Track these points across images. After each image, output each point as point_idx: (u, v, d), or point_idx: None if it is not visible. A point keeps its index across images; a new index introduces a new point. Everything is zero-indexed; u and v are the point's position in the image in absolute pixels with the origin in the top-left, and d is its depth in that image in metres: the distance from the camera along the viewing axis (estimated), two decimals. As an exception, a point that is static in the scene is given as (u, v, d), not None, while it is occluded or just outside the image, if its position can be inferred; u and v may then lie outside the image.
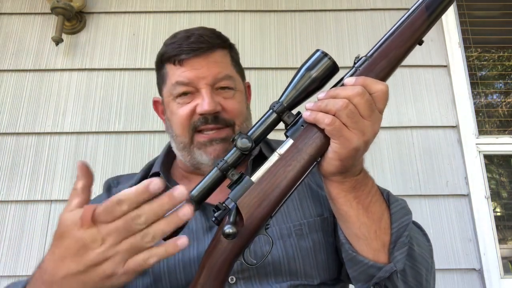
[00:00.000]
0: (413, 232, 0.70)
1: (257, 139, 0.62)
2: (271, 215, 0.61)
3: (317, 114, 0.58)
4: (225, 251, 0.61)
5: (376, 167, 1.60)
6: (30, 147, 1.61)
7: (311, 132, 0.60)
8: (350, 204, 0.63)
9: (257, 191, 0.60)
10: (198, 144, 0.82)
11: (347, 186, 0.63)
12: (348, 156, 0.58)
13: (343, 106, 0.56)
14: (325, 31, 1.78)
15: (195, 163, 0.84)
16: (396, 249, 0.64)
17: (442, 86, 1.70)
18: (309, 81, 0.61)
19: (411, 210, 0.72)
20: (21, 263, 1.48)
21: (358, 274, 0.67)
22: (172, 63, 0.84)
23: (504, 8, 1.95)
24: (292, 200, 0.82)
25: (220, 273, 0.61)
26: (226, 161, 0.61)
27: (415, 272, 0.68)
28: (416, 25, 0.61)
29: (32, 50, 1.73)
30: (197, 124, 0.81)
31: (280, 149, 0.62)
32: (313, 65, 0.61)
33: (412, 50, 0.62)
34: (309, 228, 0.78)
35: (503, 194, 1.81)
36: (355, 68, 0.62)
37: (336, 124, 0.56)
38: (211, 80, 0.81)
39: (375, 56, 0.61)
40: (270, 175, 0.61)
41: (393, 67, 0.62)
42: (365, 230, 0.64)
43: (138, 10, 1.80)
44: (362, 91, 0.56)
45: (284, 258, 0.74)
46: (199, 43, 0.81)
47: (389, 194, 0.72)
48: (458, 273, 1.50)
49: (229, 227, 0.56)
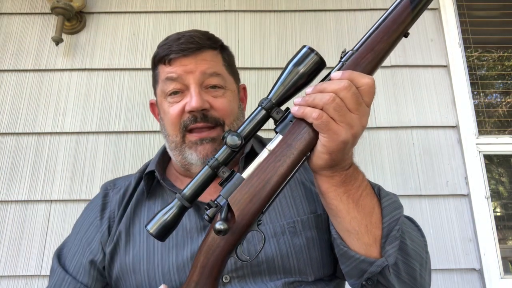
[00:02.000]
0: (405, 226, 0.70)
1: (247, 136, 0.62)
2: (263, 210, 0.61)
3: (305, 108, 0.59)
4: (217, 248, 0.61)
5: (376, 167, 1.60)
6: (30, 147, 1.61)
7: (299, 127, 0.61)
8: (340, 198, 0.64)
9: (247, 187, 0.61)
10: (190, 143, 0.83)
11: (337, 181, 0.63)
12: (336, 149, 0.58)
13: (330, 100, 0.56)
14: (325, 31, 1.78)
15: (185, 163, 0.84)
16: (388, 244, 0.64)
17: (442, 86, 1.70)
18: (297, 76, 0.61)
19: (403, 204, 0.72)
20: (21, 263, 1.48)
21: (350, 269, 0.67)
22: (162, 63, 0.85)
23: (504, 8, 1.94)
24: (285, 197, 0.82)
25: (213, 270, 0.62)
26: (217, 159, 0.62)
27: (408, 267, 0.67)
28: (400, 18, 0.62)
29: (32, 50, 1.73)
30: (187, 123, 0.82)
31: (269, 145, 0.62)
32: (300, 61, 0.61)
33: (398, 42, 0.63)
34: (302, 225, 0.79)
35: (503, 194, 1.81)
36: (342, 62, 0.62)
37: (324, 118, 0.57)
38: (199, 75, 0.82)
39: (361, 50, 0.62)
40: (260, 171, 0.61)
41: (379, 61, 0.62)
42: (356, 225, 0.64)
43: (138, 10, 1.80)
44: (349, 85, 0.57)
45: (277, 255, 0.75)
46: (188, 44, 0.83)
47: (380, 188, 0.72)
48: (458, 273, 1.50)
49: (220, 224, 0.57)
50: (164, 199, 0.86)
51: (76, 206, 1.55)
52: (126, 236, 0.82)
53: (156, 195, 0.88)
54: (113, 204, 0.88)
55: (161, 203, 0.86)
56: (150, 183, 0.89)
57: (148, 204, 0.86)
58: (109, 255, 0.81)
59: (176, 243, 0.78)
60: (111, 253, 0.81)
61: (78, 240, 0.86)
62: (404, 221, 0.70)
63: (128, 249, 0.80)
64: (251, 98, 1.63)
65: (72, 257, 0.83)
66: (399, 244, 0.65)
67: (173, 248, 0.78)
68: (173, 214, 0.61)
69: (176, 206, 0.61)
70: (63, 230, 1.52)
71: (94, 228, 0.86)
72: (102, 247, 0.83)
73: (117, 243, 0.82)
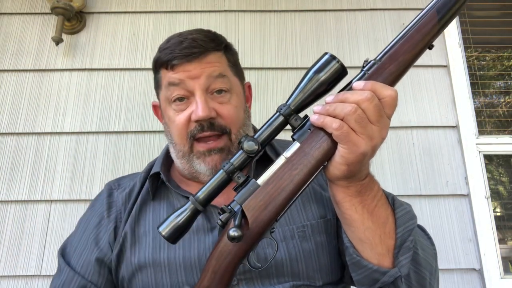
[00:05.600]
0: (417, 236, 0.70)
1: (264, 141, 0.62)
2: (277, 219, 0.61)
3: (325, 118, 0.58)
4: (229, 254, 0.61)
5: (376, 167, 1.60)
6: (30, 147, 1.61)
7: (318, 136, 0.59)
8: (355, 208, 0.63)
9: (262, 194, 0.60)
10: (198, 153, 0.82)
11: (353, 191, 0.62)
12: (355, 161, 0.57)
13: (352, 111, 0.55)
14: (325, 31, 1.78)
15: (193, 171, 0.84)
16: (401, 254, 0.64)
17: (442, 86, 1.70)
18: (317, 84, 0.60)
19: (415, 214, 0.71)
20: (21, 263, 1.48)
21: (362, 278, 0.67)
22: (165, 68, 0.83)
23: (504, 8, 1.94)
24: (295, 202, 0.82)
25: (225, 276, 0.61)
26: (232, 163, 0.61)
27: (419, 277, 0.67)
28: (426, 29, 0.60)
29: (32, 50, 1.73)
30: (194, 132, 0.80)
31: (286, 152, 0.62)
32: (321, 68, 0.60)
33: (421, 54, 0.61)
34: (312, 230, 0.78)
35: (503, 194, 1.81)
36: (364, 71, 0.61)
37: (344, 129, 0.56)
38: (204, 80, 0.80)
39: (384, 60, 0.61)
40: (276, 178, 0.60)
41: (402, 72, 0.61)
42: (370, 235, 0.64)
43: (138, 10, 1.79)
44: (371, 96, 0.56)
45: (287, 260, 0.74)
46: (191, 48, 0.80)
47: (394, 198, 0.71)
48: (458, 273, 1.50)
49: (234, 230, 0.56)
50: (170, 200, 0.86)
51: (76, 206, 1.55)
52: (132, 237, 0.81)
53: (161, 196, 0.87)
54: (119, 204, 0.88)
55: (166, 204, 0.85)
56: (155, 184, 0.88)
57: (153, 205, 0.86)
58: (116, 256, 0.81)
59: (183, 244, 0.78)
60: (118, 254, 0.81)
61: (86, 238, 0.85)
62: (416, 230, 0.70)
63: (134, 251, 0.80)
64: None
65: (80, 255, 0.82)
66: (412, 254, 0.65)
67: (179, 249, 0.77)
68: (186, 217, 0.61)
69: (190, 209, 0.61)
70: (63, 230, 1.52)
71: (103, 227, 0.85)
72: (111, 247, 0.82)
73: (123, 244, 0.81)
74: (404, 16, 1.78)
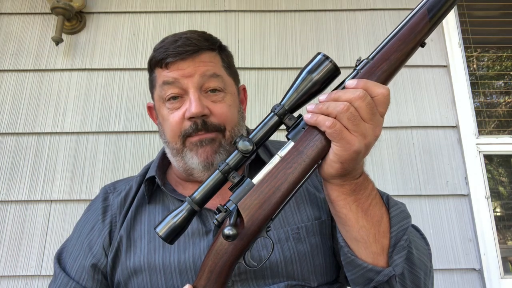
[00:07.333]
0: (412, 235, 0.70)
1: (258, 141, 0.62)
2: (272, 217, 0.61)
3: (318, 116, 0.58)
4: (225, 253, 0.61)
5: (376, 167, 1.60)
6: (30, 147, 1.61)
7: (312, 135, 0.60)
8: (349, 207, 0.63)
9: (257, 193, 0.60)
10: (190, 145, 0.81)
11: (347, 189, 0.62)
12: (349, 158, 0.57)
13: (344, 109, 0.56)
14: (325, 31, 1.78)
15: (187, 168, 0.83)
16: (395, 253, 0.64)
17: (442, 86, 1.70)
18: (311, 83, 0.60)
19: (410, 213, 0.71)
20: (21, 263, 1.48)
21: (356, 277, 0.67)
22: (159, 67, 0.83)
23: (504, 8, 1.95)
24: (290, 203, 0.81)
25: (221, 275, 0.61)
26: (228, 163, 0.61)
27: (414, 276, 0.67)
28: (417, 28, 0.61)
29: (32, 50, 1.73)
30: (188, 131, 0.80)
31: (281, 152, 0.62)
32: (314, 68, 0.60)
33: (414, 52, 0.62)
34: (307, 231, 0.78)
35: (503, 194, 1.81)
36: (357, 70, 0.62)
37: (337, 127, 0.56)
38: (198, 78, 0.80)
39: (376, 58, 0.61)
40: (271, 177, 0.61)
41: (394, 70, 0.61)
42: (364, 234, 0.64)
43: (138, 10, 1.80)
44: (364, 94, 0.56)
45: (281, 261, 0.74)
46: (185, 46, 0.81)
47: (388, 197, 0.71)
48: (458, 273, 1.50)
49: (229, 229, 0.56)
50: (165, 204, 0.86)
51: (76, 206, 1.55)
52: (127, 241, 0.81)
53: (156, 200, 0.87)
54: (114, 208, 0.88)
55: (162, 208, 0.85)
56: (151, 188, 0.88)
57: (149, 208, 0.86)
58: (111, 260, 0.81)
59: (178, 247, 0.78)
60: (113, 258, 0.81)
61: (80, 243, 0.85)
62: (411, 230, 0.70)
63: (129, 254, 0.80)
64: (251, 98, 1.64)
65: (74, 260, 0.83)
66: (406, 254, 0.65)
67: (174, 252, 0.77)
68: (183, 217, 0.61)
69: (186, 209, 0.61)
70: (63, 230, 1.52)
71: (96, 232, 0.85)
72: (105, 252, 0.82)
73: (119, 248, 0.81)
74: (404, 16, 1.77)
